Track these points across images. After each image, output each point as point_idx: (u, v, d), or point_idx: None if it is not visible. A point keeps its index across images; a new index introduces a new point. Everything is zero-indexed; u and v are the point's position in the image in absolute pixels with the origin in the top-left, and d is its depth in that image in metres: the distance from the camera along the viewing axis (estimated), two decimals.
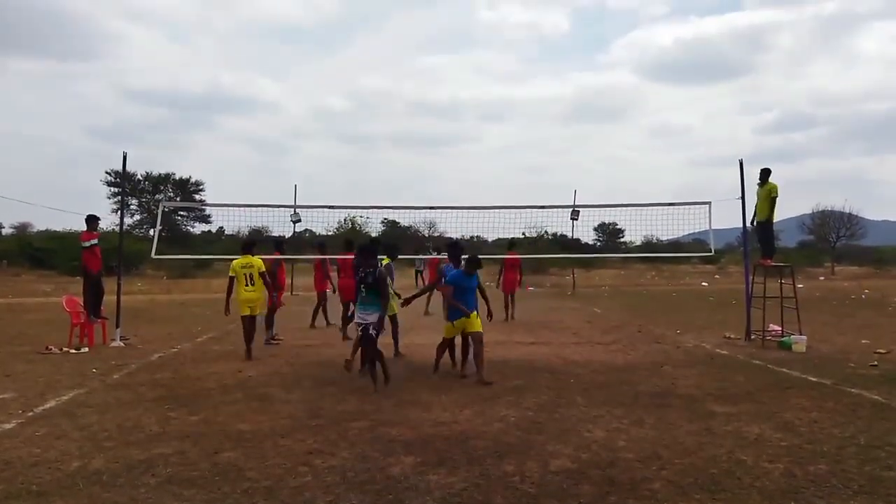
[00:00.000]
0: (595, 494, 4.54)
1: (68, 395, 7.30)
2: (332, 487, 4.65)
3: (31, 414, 6.50)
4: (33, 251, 33.55)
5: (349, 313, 11.13)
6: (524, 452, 5.42)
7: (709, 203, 13.10)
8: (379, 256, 8.67)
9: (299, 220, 16.22)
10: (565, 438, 5.80)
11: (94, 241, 11.78)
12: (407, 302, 9.48)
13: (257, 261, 10.43)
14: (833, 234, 54.47)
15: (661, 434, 5.96)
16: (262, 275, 10.31)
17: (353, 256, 11.84)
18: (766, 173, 12.29)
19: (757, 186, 12.39)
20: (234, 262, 10.39)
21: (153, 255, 13.60)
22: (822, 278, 39.26)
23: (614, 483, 4.75)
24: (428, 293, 12.29)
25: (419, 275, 27.39)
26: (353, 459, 5.24)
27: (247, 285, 10.20)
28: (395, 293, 9.97)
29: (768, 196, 12.13)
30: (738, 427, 6.18)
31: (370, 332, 7.73)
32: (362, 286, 7.84)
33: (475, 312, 8.52)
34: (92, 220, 11.96)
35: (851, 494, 4.53)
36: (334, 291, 13.40)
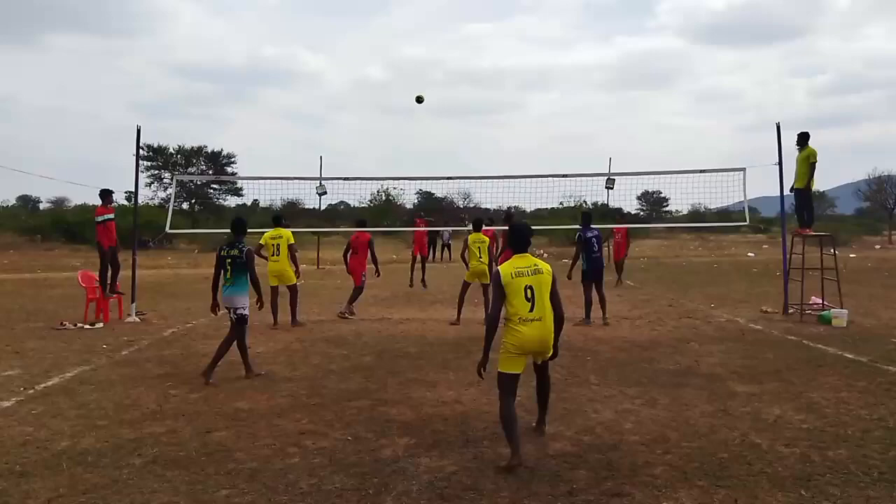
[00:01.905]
0: (590, 479, 4.30)
1: (73, 372, 7.30)
2: (318, 469, 4.51)
3: (31, 391, 6.50)
4: (67, 226, 33.53)
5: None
6: (524, 435, 5.16)
7: (743, 170, 12.51)
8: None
9: (325, 193, 16.06)
10: (570, 420, 5.54)
11: (108, 216, 11.64)
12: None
13: (287, 232, 10.78)
14: (890, 201, 52.13)
15: (672, 415, 5.64)
16: (290, 247, 10.66)
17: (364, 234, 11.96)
18: (804, 137, 11.55)
19: (796, 151, 11.70)
20: (266, 233, 10.88)
21: (167, 229, 13.65)
22: (877, 247, 37.64)
23: (613, 468, 4.49)
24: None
25: (445, 248, 27.06)
26: (345, 440, 5.11)
27: (274, 255, 10.58)
28: None
29: (806, 161, 11.41)
30: (758, 408, 5.81)
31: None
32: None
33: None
34: (106, 195, 11.77)
35: (869, 483, 4.19)
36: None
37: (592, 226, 11.05)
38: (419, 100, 11.46)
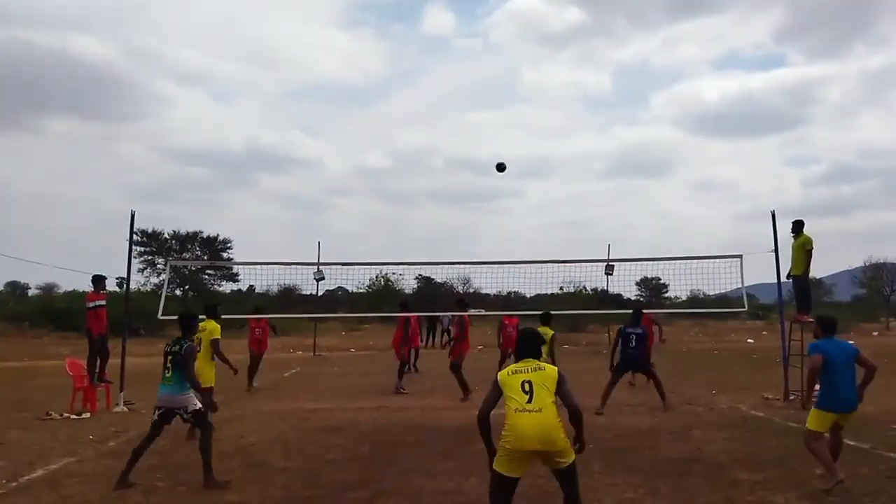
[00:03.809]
0: None
1: (58, 464, 7.08)
2: None
3: (14, 485, 6.28)
4: (56, 312, 32.14)
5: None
6: None
7: (740, 256, 12.67)
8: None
9: (323, 278, 16.05)
10: None
11: (99, 303, 11.38)
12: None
13: (211, 325, 8.89)
14: (887, 287, 52.29)
15: None
16: (212, 342, 8.60)
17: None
18: (799, 225, 11.80)
19: (791, 239, 11.89)
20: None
21: (160, 315, 13.06)
22: (875, 334, 37.43)
23: None
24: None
25: (446, 333, 26.93)
26: None
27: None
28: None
29: (802, 249, 11.62)
30: (762, 496, 5.70)
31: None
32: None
33: None
34: (98, 281, 11.57)
35: None
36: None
37: (641, 324, 11.38)
38: (500, 167, 11.46)
